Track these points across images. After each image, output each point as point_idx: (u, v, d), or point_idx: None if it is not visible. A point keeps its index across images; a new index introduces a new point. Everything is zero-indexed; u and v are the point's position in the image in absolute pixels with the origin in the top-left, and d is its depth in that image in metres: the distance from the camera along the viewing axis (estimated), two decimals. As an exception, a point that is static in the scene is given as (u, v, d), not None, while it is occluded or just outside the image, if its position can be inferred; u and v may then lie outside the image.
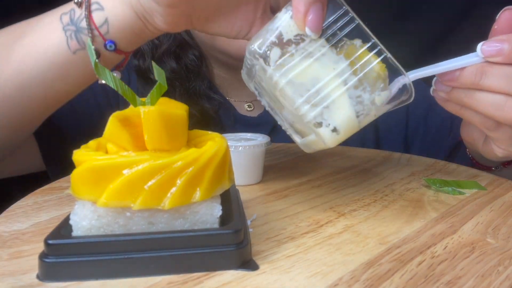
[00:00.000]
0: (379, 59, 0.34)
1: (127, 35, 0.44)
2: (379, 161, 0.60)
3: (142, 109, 0.29)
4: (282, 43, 0.34)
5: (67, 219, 0.30)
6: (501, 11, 0.39)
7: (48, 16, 0.46)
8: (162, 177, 0.28)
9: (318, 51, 0.33)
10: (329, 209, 0.41)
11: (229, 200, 0.34)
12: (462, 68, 0.38)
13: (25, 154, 0.60)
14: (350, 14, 0.34)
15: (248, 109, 0.75)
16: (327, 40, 0.34)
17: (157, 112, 0.29)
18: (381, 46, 0.34)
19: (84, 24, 0.44)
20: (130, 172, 0.28)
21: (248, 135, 0.51)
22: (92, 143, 0.31)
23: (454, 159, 0.65)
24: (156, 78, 0.30)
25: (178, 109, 0.31)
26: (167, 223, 0.29)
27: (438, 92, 0.42)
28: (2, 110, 0.47)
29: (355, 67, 0.33)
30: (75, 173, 0.29)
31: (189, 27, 0.44)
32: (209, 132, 0.34)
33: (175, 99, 0.68)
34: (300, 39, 0.34)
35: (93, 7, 0.44)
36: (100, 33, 0.44)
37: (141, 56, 0.69)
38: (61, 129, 0.62)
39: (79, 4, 0.44)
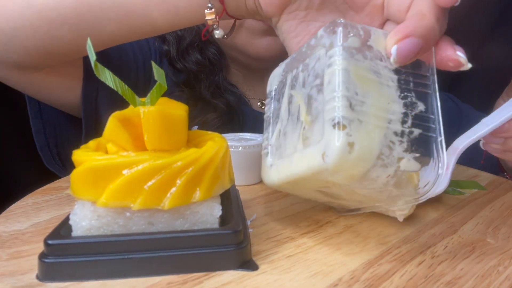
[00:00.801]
0: None
1: None
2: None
3: (141, 109, 0.29)
4: (364, 43, 0.31)
5: (66, 219, 0.30)
6: None
7: None
8: (162, 177, 0.28)
9: (385, 78, 0.31)
10: (329, 209, 0.41)
11: (229, 200, 0.34)
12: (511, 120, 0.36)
13: (68, 76, 0.58)
14: (430, 82, 0.32)
15: (262, 106, 0.76)
16: (398, 80, 0.31)
17: (157, 112, 0.29)
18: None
19: None
20: (130, 172, 0.28)
21: (248, 135, 0.51)
22: (92, 143, 0.31)
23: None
24: (156, 78, 0.30)
25: (178, 109, 0.31)
26: (167, 223, 0.29)
27: (491, 145, 0.40)
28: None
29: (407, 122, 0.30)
30: (75, 173, 0.29)
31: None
32: (209, 132, 0.34)
33: (200, 92, 0.68)
34: (379, 55, 0.31)
35: None
36: None
37: (168, 44, 0.70)
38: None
39: None
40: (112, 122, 0.29)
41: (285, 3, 0.40)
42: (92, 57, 0.29)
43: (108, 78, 0.30)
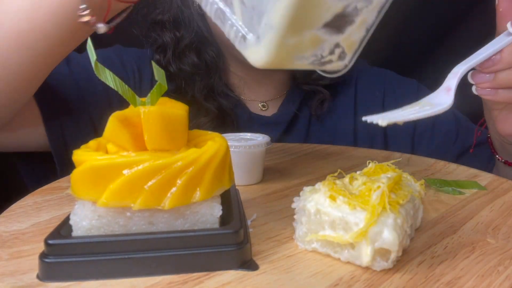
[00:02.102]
0: None
1: None
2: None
3: (142, 109, 0.29)
4: None
5: (67, 219, 0.30)
6: None
7: None
8: (162, 177, 0.28)
9: None
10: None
11: (229, 200, 0.34)
12: (501, 51, 0.39)
13: (24, 123, 0.57)
14: None
15: (263, 108, 0.76)
16: None
17: (157, 112, 0.29)
18: None
19: None
20: (130, 172, 0.28)
21: (248, 135, 0.51)
22: (92, 143, 0.31)
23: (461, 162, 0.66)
24: (156, 78, 0.30)
25: (178, 109, 0.31)
26: (167, 223, 0.29)
27: (482, 86, 0.42)
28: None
29: None
30: (75, 173, 0.29)
31: None
32: (209, 132, 0.34)
33: (194, 93, 0.68)
34: None
35: None
36: None
37: (162, 50, 0.69)
38: (67, 102, 0.60)
39: None
40: (112, 122, 0.29)
41: None
42: (93, 57, 0.29)
43: (108, 78, 0.30)
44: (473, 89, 0.43)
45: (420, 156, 0.63)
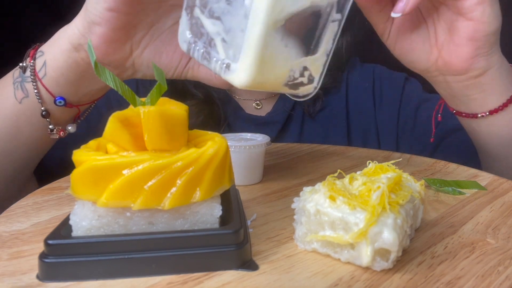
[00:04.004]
0: None
1: (63, 71, 0.46)
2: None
3: (142, 109, 0.29)
4: None
5: (67, 219, 0.30)
6: None
7: (7, 77, 0.50)
8: (162, 177, 0.28)
9: None
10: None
11: (229, 200, 0.34)
12: None
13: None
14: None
15: (257, 107, 0.76)
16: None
17: (157, 112, 0.29)
18: None
19: (28, 73, 0.47)
20: (130, 172, 0.28)
21: (248, 135, 0.51)
22: (92, 143, 0.31)
23: (441, 151, 0.66)
24: (156, 78, 0.30)
25: (178, 109, 0.31)
26: (167, 223, 0.29)
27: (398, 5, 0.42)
28: None
29: None
30: (75, 173, 0.29)
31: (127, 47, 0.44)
32: (209, 132, 0.34)
33: (183, 83, 0.68)
34: None
35: (37, 55, 0.47)
36: (38, 77, 0.47)
37: None
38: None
39: (28, 56, 0.48)
40: (112, 122, 0.29)
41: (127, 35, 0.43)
42: (92, 58, 0.29)
43: (108, 78, 0.30)
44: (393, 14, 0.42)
45: (420, 156, 0.63)
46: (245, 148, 0.46)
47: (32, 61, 0.47)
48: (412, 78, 0.80)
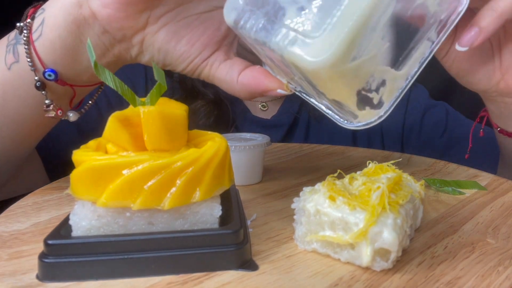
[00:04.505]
0: None
1: (61, 32, 0.38)
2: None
3: (141, 109, 0.29)
4: None
5: (66, 219, 0.30)
6: None
7: (3, 39, 0.43)
8: (162, 177, 0.28)
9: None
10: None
11: (229, 200, 0.34)
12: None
13: (29, 172, 0.57)
14: None
15: (263, 109, 0.76)
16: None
17: (157, 112, 0.29)
18: None
19: (24, 34, 0.39)
20: (129, 172, 0.28)
21: (248, 135, 0.51)
22: (92, 143, 0.31)
23: (447, 159, 0.66)
24: (156, 78, 0.30)
25: (178, 109, 0.31)
26: (167, 223, 0.29)
27: (465, 38, 0.37)
28: None
29: None
30: (74, 173, 0.29)
31: (139, 28, 0.37)
32: (209, 132, 0.34)
33: (192, 82, 0.67)
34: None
35: (37, 13, 0.40)
36: (31, 38, 0.39)
37: None
38: (63, 143, 0.60)
39: (27, 14, 0.40)
40: (112, 122, 0.29)
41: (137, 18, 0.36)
42: (92, 57, 0.29)
43: (108, 78, 0.30)
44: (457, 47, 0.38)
45: (420, 156, 0.63)
46: (245, 148, 0.46)
47: (29, 20, 0.39)
48: (419, 84, 0.80)
